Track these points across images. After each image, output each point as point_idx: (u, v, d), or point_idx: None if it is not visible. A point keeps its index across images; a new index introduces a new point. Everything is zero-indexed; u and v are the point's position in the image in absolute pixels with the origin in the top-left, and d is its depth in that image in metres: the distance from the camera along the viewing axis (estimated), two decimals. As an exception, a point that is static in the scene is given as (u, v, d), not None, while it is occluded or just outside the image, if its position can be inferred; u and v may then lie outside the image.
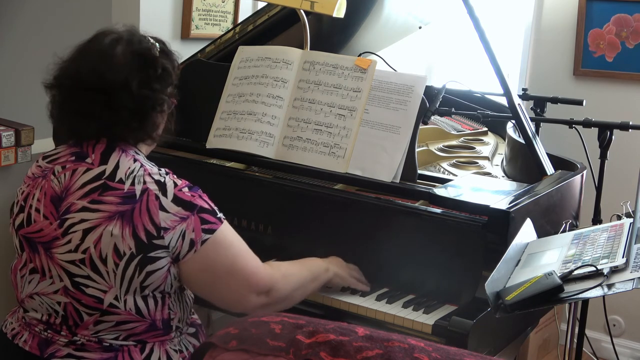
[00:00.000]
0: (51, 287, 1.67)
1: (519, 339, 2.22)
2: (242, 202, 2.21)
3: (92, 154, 1.68)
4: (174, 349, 1.73)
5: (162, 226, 1.61)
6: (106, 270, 1.62)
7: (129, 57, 1.66)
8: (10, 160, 2.68)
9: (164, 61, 1.72)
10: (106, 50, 1.67)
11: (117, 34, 1.71)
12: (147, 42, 1.71)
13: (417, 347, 1.26)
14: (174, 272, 1.67)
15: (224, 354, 1.32)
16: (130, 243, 1.60)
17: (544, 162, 2.20)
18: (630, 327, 3.50)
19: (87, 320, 1.65)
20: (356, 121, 2.14)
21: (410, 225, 2.00)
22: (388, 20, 2.92)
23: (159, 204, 1.62)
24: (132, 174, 1.65)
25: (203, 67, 2.44)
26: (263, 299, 1.75)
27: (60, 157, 1.72)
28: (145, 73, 1.67)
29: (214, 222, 1.67)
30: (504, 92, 2.16)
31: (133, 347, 1.67)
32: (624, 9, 3.32)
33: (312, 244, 2.10)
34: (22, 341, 1.70)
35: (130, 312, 1.65)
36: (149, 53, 1.69)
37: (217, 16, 3.26)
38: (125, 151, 1.69)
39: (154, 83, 1.68)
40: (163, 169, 1.70)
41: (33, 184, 1.72)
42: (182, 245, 1.63)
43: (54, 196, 1.67)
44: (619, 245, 1.67)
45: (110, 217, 1.61)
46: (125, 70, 1.65)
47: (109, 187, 1.63)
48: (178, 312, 1.73)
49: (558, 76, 3.51)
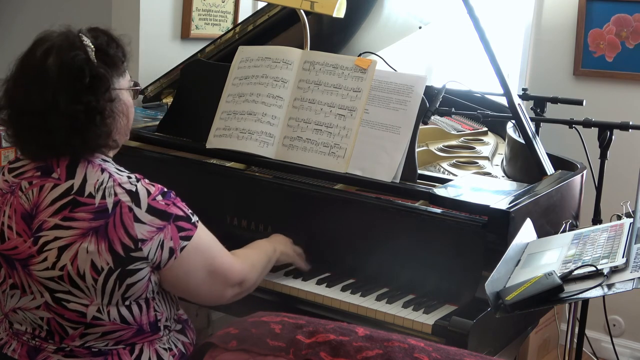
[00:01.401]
0: (33, 302, 1.65)
1: (519, 339, 2.22)
2: (242, 202, 2.20)
3: (58, 169, 1.63)
4: (164, 347, 1.73)
5: (140, 238, 1.58)
6: (85, 286, 1.60)
7: (55, 72, 1.58)
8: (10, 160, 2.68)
9: (95, 66, 1.61)
10: (37, 66, 1.59)
11: (51, 41, 1.62)
12: (79, 47, 1.61)
13: (417, 347, 1.26)
14: (155, 279, 1.66)
15: (224, 354, 1.32)
16: (108, 258, 1.57)
17: (544, 162, 2.20)
18: (630, 327, 3.50)
19: (72, 334, 1.64)
20: (356, 121, 2.14)
21: (410, 225, 2.00)
22: (388, 20, 2.92)
23: (133, 216, 1.58)
24: (101, 186, 1.59)
25: (203, 67, 2.44)
26: (236, 290, 1.80)
27: (26, 171, 1.67)
28: (72, 87, 1.58)
29: (190, 229, 1.65)
30: (504, 92, 2.15)
31: (122, 350, 1.67)
32: (624, 9, 3.32)
33: (312, 243, 2.10)
34: (11, 350, 1.69)
35: (115, 321, 1.63)
36: (76, 62, 1.59)
37: (217, 16, 3.26)
38: (91, 162, 1.63)
39: (83, 95, 1.58)
40: (134, 175, 1.65)
41: (2, 200, 1.67)
42: (162, 254, 1.62)
43: (24, 213, 1.62)
44: (619, 245, 1.67)
45: (84, 234, 1.57)
46: (52, 88, 1.57)
47: (79, 202, 1.58)
48: (165, 312, 1.73)
49: (558, 76, 3.51)
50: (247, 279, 1.82)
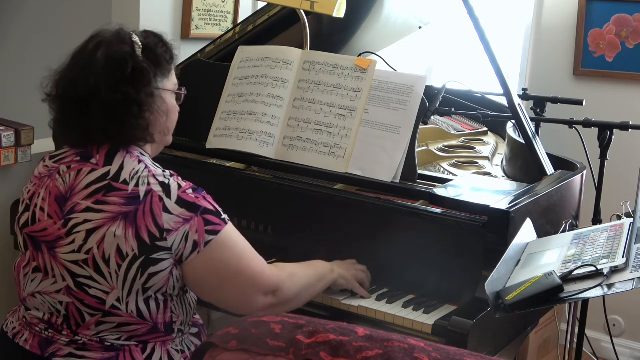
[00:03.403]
0: (54, 286, 1.67)
1: (519, 339, 2.22)
2: (242, 202, 2.20)
3: (97, 155, 1.68)
4: (176, 349, 1.73)
5: (166, 228, 1.61)
6: (109, 272, 1.62)
7: (102, 63, 1.66)
8: (10, 160, 2.68)
9: (139, 60, 1.68)
10: (86, 57, 1.68)
11: (102, 37, 1.70)
12: (127, 42, 1.69)
13: (417, 347, 1.26)
14: (177, 274, 1.66)
15: (224, 354, 1.32)
16: (133, 244, 1.60)
17: (544, 162, 2.20)
18: (630, 327, 3.50)
19: (89, 321, 1.65)
20: (356, 121, 2.14)
21: (410, 225, 2.00)
22: (388, 20, 2.92)
23: (163, 206, 1.62)
24: (136, 175, 1.65)
25: (203, 67, 2.44)
26: (270, 299, 1.74)
27: (66, 157, 1.73)
28: (113, 76, 1.65)
29: (218, 224, 1.66)
30: (504, 92, 2.16)
31: (134, 347, 1.67)
32: (624, 9, 3.32)
33: (312, 244, 2.10)
34: (23, 340, 1.70)
35: (132, 314, 1.64)
36: (120, 53, 1.67)
37: (217, 16, 3.26)
38: (130, 152, 1.69)
39: (122, 85, 1.65)
40: (168, 171, 1.69)
41: (39, 184, 1.72)
42: (185, 247, 1.63)
43: (59, 196, 1.67)
44: (619, 245, 1.67)
45: (114, 218, 1.61)
46: (96, 76, 1.65)
47: (113, 187, 1.63)
48: (181, 315, 1.73)
49: (558, 76, 3.51)
50: (282, 288, 1.75)
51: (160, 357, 1.69)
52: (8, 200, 2.53)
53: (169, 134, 1.82)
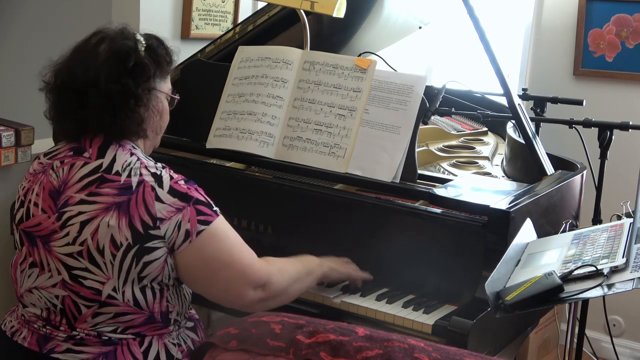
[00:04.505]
0: (49, 280, 1.68)
1: (519, 339, 2.22)
2: (242, 202, 2.20)
3: (90, 148, 1.70)
4: (173, 342, 1.73)
5: (158, 217, 1.63)
6: (104, 262, 1.63)
7: (104, 56, 1.68)
8: (10, 160, 2.68)
9: (141, 56, 1.71)
10: (90, 50, 1.70)
11: (105, 33, 1.73)
12: (131, 39, 1.72)
13: (417, 347, 1.27)
14: (171, 262, 1.68)
15: (224, 354, 1.32)
16: (127, 234, 1.62)
17: (544, 162, 2.20)
18: (630, 327, 3.50)
19: (85, 313, 1.66)
20: (356, 121, 2.14)
21: (410, 225, 2.00)
22: (388, 20, 2.92)
23: (155, 195, 1.64)
24: (128, 166, 1.67)
25: (203, 67, 2.44)
26: (260, 293, 1.76)
27: (60, 152, 1.75)
28: (115, 68, 1.67)
29: (210, 214, 1.68)
30: (504, 92, 2.16)
31: (132, 341, 1.68)
32: (624, 9, 3.32)
33: (312, 243, 2.09)
34: (21, 338, 1.71)
35: (129, 303, 1.65)
36: (124, 48, 1.69)
37: (217, 16, 3.26)
38: (122, 146, 1.71)
39: (123, 77, 1.67)
40: (159, 163, 1.72)
41: (33, 180, 1.74)
42: (178, 235, 1.65)
43: (52, 190, 1.69)
44: (619, 245, 1.67)
45: (107, 209, 1.63)
46: (97, 68, 1.67)
47: (105, 179, 1.65)
48: (176, 306, 1.74)
49: (558, 76, 3.51)
50: (271, 282, 1.77)
51: (157, 351, 1.70)
52: (8, 200, 2.53)
53: (160, 133, 1.84)
